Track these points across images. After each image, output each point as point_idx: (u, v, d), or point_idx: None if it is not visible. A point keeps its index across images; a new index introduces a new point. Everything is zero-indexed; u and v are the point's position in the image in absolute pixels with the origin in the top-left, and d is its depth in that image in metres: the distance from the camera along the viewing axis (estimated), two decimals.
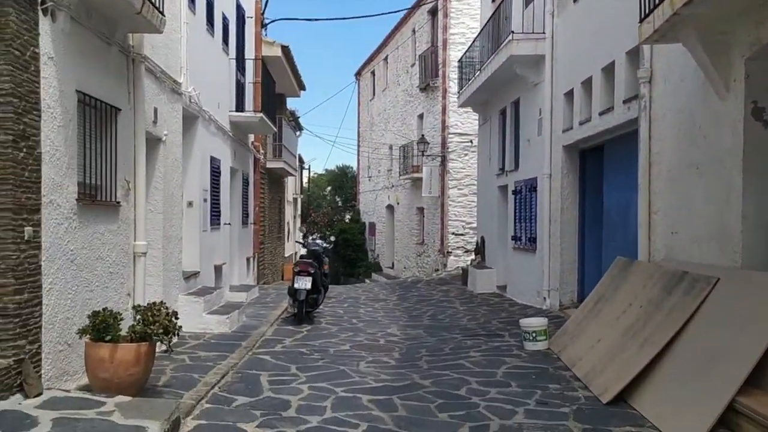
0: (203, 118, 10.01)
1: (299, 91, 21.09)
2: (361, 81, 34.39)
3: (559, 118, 10.88)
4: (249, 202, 14.18)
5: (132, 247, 6.83)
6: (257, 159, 15.12)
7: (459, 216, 20.53)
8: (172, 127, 8.33)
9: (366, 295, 15.13)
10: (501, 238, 14.37)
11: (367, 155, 31.40)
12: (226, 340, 8.14)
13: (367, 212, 32.25)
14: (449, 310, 11.93)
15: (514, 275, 13.15)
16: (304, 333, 9.15)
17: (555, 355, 7.44)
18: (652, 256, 7.54)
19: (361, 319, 10.73)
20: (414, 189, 23.58)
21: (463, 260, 20.47)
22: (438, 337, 8.96)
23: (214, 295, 9.29)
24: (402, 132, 25.59)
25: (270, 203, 17.70)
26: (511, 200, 13.45)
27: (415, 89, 24.16)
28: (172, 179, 8.32)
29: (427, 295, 14.54)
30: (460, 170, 20.63)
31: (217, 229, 11.02)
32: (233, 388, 5.86)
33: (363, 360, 7.40)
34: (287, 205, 21.96)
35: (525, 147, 12.60)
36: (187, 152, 9.62)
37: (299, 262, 10.09)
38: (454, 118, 20.70)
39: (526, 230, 12.34)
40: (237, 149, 12.76)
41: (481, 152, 16.87)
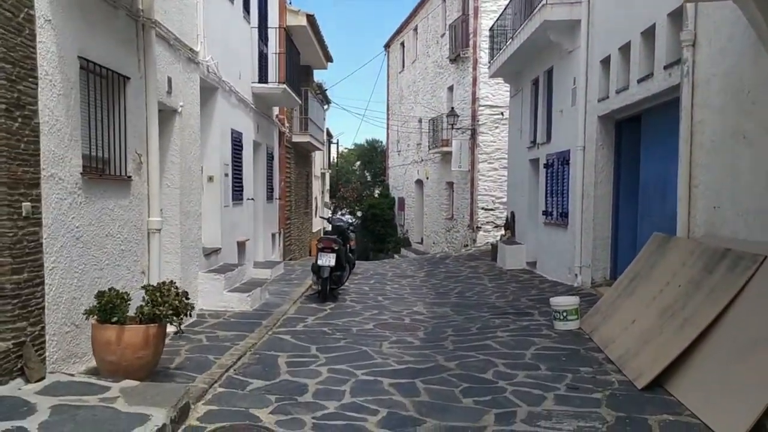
0: (223, 90, 9.73)
1: (326, 62, 20.70)
2: (391, 53, 33.80)
3: (594, 87, 10.34)
4: (274, 177, 13.94)
5: (146, 223, 6.61)
6: (282, 133, 14.84)
7: (489, 190, 20.05)
8: (188, 98, 8.06)
9: (393, 271, 14.86)
10: (531, 213, 13.93)
11: (397, 129, 30.94)
12: (247, 318, 7.94)
13: (396, 187, 31.88)
14: (477, 287, 11.58)
15: (544, 251, 12.73)
16: (327, 311, 8.91)
17: (586, 335, 7.07)
18: (691, 233, 7.07)
19: (387, 297, 10.46)
20: (443, 163, 23.13)
21: (493, 236, 20.05)
22: (465, 316, 8.64)
23: (235, 273, 9.09)
24: (431, 105, 25.07)
25: (296, 178, 17.47)
26: (542, 174, 12.97)
27: (444, 60, 23.56)
28: (189, 153, 8.07)
29: (455, 272, 14.21)
30: (491, 144, 20.10)
31: (240, 205, 10.80)
32: (249, 371, 5.63)
33: (386, 340, 7.12)
34: (315, 180, 21.74)
35: (558, 118, 12.08)
36: (206, 125, 9.37)
37: (323, 239, 9.83)
38: (484, 89, 20.12)
39: (558, 205, 11.88)
40: (260, 122, 12.49)
41: (512, 125, 16.35)
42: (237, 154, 10.57)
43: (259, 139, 12.47)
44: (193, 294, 8.00)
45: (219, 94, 9.53)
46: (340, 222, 10.79)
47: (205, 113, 9.35)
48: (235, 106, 10.54)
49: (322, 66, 20.78)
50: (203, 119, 9.30)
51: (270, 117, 13.53)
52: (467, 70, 21.12)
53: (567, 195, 11.32)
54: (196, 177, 8.34)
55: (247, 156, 11.33)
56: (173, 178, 7.68)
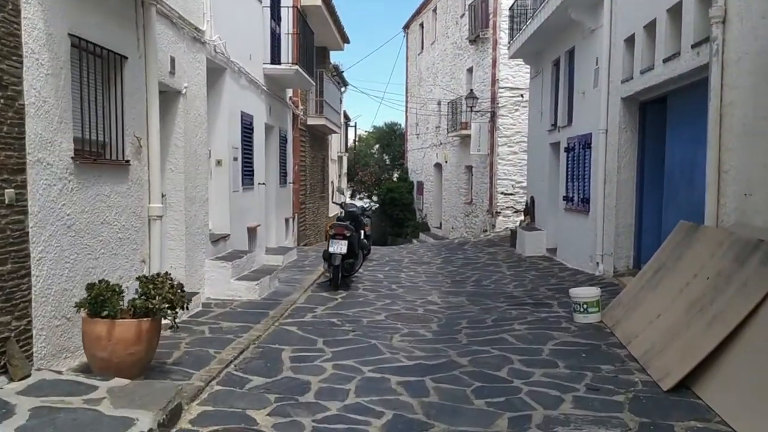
0: (231, 71, 9.43)
1: (342, 44, 20.32)
2: (410, 34, 33.26)
3: (617, 67, 9.87)
4: (287, 161, 13.65)
5: (146, 209, 6.35)
6: (296, 115, 14.52)
7: (508, 175, 19.62)
8: (193, 79, 7.77)
9: (409, 257, 14.55)
10: (552, 198, 13.51)
11: (416, 112, 30.49)
12: (254, 308, 7.69)
13: (415, 171, 31.48)
14: (495, 275, 11.24)
15: (565, 238, 12.33)
16: (338, 300, 8.64)
17: (608, 329, 6.71)
18: (721, 221, 6.65)
19: (401, 285, 10.16)
20: (462, 147, 22.70)
21: (512, 221, 19.66)
22: (481, 306, 8.31)
23: (244, 260, 8.84)
24: (450, 87, 24.58)
25: (312, 162, 17.18)
26: (563, 158, 12.53)
27: (464, 41, 23.04)
28: (194, 136, 7.80)
29: (473, 258, 13.87)
30: (511, 126, 19.64)
31: (251, 190, 10.53)
32: (250, 367, 5.36)
33: (397, 333, 6.82)
34: (331, 164, 21.43)
35: (579, 101, 11.62)
36: (214, 107, 9.09)
37: (334, 225, 9.53)
38: (504, 71, 19.62)
39: (579, 190, 11.46)
40: (273, 105, 12.18)
41: (532, 107, 15.88)
42: (247, 138, 10.28)
43: (272, 122, 12.17)
44: (199, 282, 7.78)
45: (227, 75, 9.23)
46: (353, 208, 10.49)
47: (212, 95, 9.07)
48: (245, 87, 10.23)
49: (338, 47, 20.40)
50: (211, 101, 9.02)
51: (283, 99, 13.22)
52: (487, 51, 20.61)
53: (588, 180, 10.90)
54: (202, 161, 8.07)
55: (259, 139, 11.04)
56: (177, 163, 7.42)
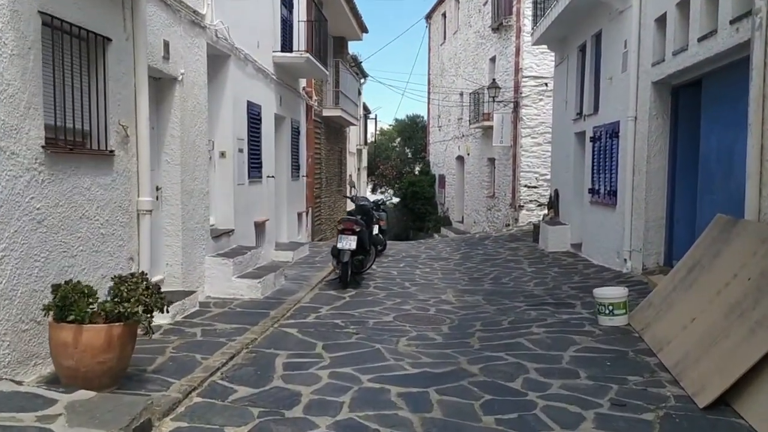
0: (236, 58, 8.98)
1: (361, 33, 19.79)
2: (432, 24, 32.63)
3: (648, 49, 9.21)
4: (300, 153, 13.20)
5: (134, 203, 5.93)
6: (310, 106, 14.06)
7: (532, 167, 18.97)
8: (192, 65, 7.33)
9: (427, 253, 14.03)
10: (577, 191, 12.86)
11: (438, 104, 29.89)
12: (254, 308, 7.24)
13: (437, 164, 30.89)
14: (515, 271, 10.67)
15: (590, 233, 11.70)
16: (346, 299, 8.16)
17: (636, 333, 6.13)
18: (763, 215, 6.02)
19: (415, 283, 9.65)
20: (485, 138, 22.07)
21: (536, 215, 19.02)
22: (498, 306, 7.77)
23: (248, 256, 8.39)
24: (473, 77, 23.92)
25: (327, 154, 16.72)
26: (588, 148, 11.89)
27: (487, 30, 22.39)
28: (193, 126, 7.36)
29: (493, 254, 13.30)
30: (534, 117, 18.97)
31: (258, 183, 10.09)
32: (238, 375, 4.90)
33: (405, 335, 6.32)
34: (349, 157, 20.96)
35: (606, 87, 10.96)
36: (217, 96, 8.66)
37: (343, 220, 9.05)
38: (528, 59, 18.94)
39: (606, 182, 10.82)
40: (284, 95, 11.73)
41: (556, 95, 15.21)
42: (254, 128, 9.84)
43: (283, 113, 11.71)
44: (198, 280, 7.36)
45: (231, 62, 8.78)
46: (364, 201, 9.99)
47: (215, 83, 8.64)
48: (252, 76, 9.78)
49: (356, 37, 19.87)
50: (214, 90, 8.60)
51: (295, 90, 12.75)
52: (510, 40, 19.94)
53: (616, 171, 10.27)
54: (201, 152, 7.63)
55: (267, 130, 10.59)
56: (173, 154, 6.99)
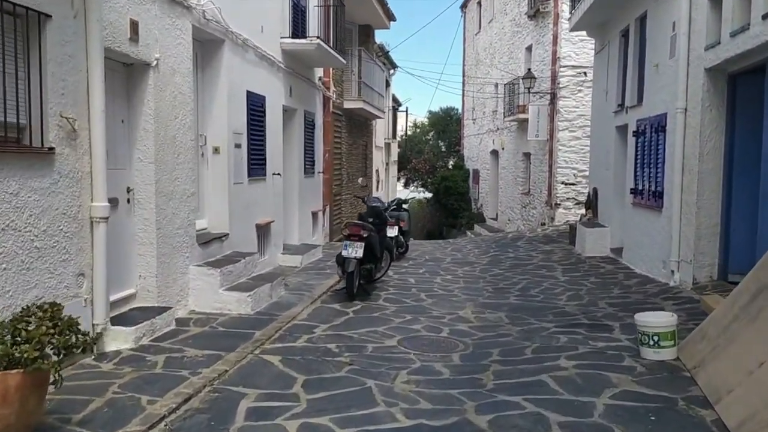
0: (233, 43, 8.07)
1: (387, 21, 18.76)
2: (467, 14, 31.41)
3: (700, 31, 8.00)
4: (316, 148, 12.28)
5: (86, 210, 5.06)
6: (327, 98, 13.12)
7: (570, 163, 17.71)
8: (171, 50, 6.43)
9: (453, 256, 12.99)
10: (617, 190, 11.65)
11: (472, 96, 28.69)
12: (239, 326, 6.34)
13: (471, 158, 29.70)
14: (546, 281, 9.56)
15: (632, 237, 10.50)
16: (348, 315, 7.20)
17: (687, 372, 5.01)
18: None
19: (433, 294, 8.64)
20: (520, 132, 20.85)
21: (574, 213, 17.77)
22: (522, 327, 6.72)
23: (241, 265, 7.50)
24: (509, 68, 22.68)
25: (350, 149, 15.77)
26: (631, 144, 10.67)
27: (523, 18, 21.14)
28: (173, 118, 6.48)
29: (524, 258, 12.18)
30: (573, 109, 17.69)
31: (261, 181, 9.19)
32: (186, 427, 3.97)
33: (406, 368, 5.32)
34: (375, 151, 19.98)
35: (652, 75, 9.74)
36: (210, 85, 7.77)
37: (350, 224, 8.07)
38: (566, 48, 17.65)
39: (650, 181, 9.61)
40: (295, 85, 10.81)
41: (596, 86, 13.96)
42: (257, 122, 8.94)
43: (294, 105, 10.80)
44: (179, 293, 6.49)
45: (226, 48, 7.88)
46: (376, 203, 9.01)
47: (208, 71, 7.77)
48: (253, 64, 8.87)
49: (383, 25, 18.86)
50: (206, 78, 7.73)
51: (309, 80, 11.82)
52: (547, 27, 18.67)
53: (662, 170, 9.07)
54: (185, 148, 6.75)
55: (274, 124, 9.69)
56: (146, 150, 6.11)
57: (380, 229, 8.82)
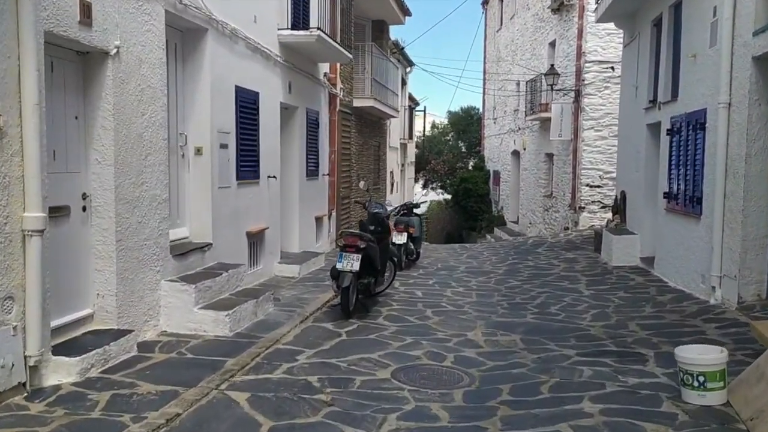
0: (218, 33, 7.28)
1: (402, 17, 17.92)
2: (489, 10, 30.45)
3: (747, 15, 7.03)
4: (320, 149, 11.46)
5: (17, 221, 4.27)
6: (333, 95, 12.29)
7: (595, 164, 16.68)
8: (138, 37, 5.64)
9: (468, 264, 12.09)
10: (648, 194, 10.66)
11: (493, 94, 27.72)
12: (211, 352, 5.52)
13: (491, 159, 28.70)
14: (569, 295, 8.62)
15: (665, 246, 9.50)
16: (341, 337, 6.35)
17: (742, 424, 4.07)
18: None
19: (440, 310, 7.76)
20: (542, 132, 19.86)
21: (599, 218, 16.76)
22: (539, 354, 5.81)
23: (222, 278, 6.68)
24: (531, 65, 21.67)
25: (360, 150, 14.94)
26: (664, 143, 9.68)
27: (546, 12, 20.14)
28: (139, 115, 5.68)
29: (545, 267, 11.24)
30: (599, 107, 16.66)
31: (253, 185, 8.39)
32: None
33: (396, 410, 4.43)
34: (390, 152, 19.11)
35: (689, 67, 8.75)
36: (191, 79, 7.00)
37: (345, 233, 7.21)
38: (592, 42, 16.62)
39: (687, 185, 8.62)
40: (295, 81, 9.99)
41: (624, 81, 12.96)
42: (248, 120, 8.14)
43: (294, 102, 9.98)
44: (147, 313, 5.71)
45: (210, 38, 7.08)
46: (378, 209, 8.12)
47: (189, 63, 7.02)
48: (244, 56, 8.07)
49: (397, 21, 18.01)
50: (187, 71, 6.99)
51: (313, 75, 11.00)
52: (572, 21, 17.67)
53: (701, 173, 8.08)
54: (156, 149, 5.95)
55: (270, 122, 8.88)
56: (105, 151, 5.33)
57: (382, 237, 7.96)
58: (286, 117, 9.96)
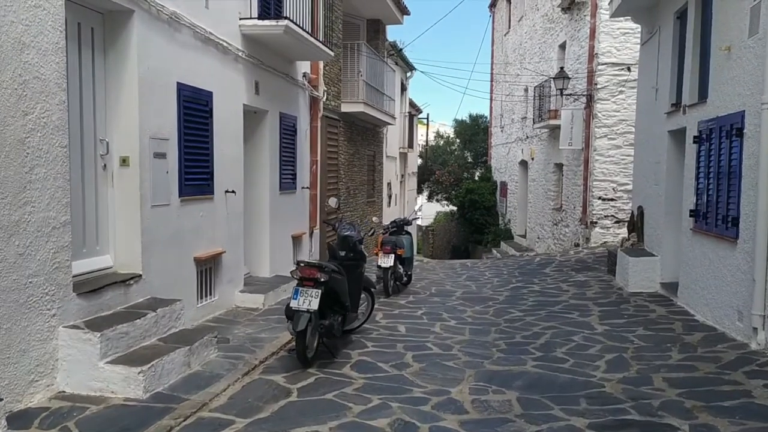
0: (151, 16, 6.01)
1: (400, 16, 16.67)
2: (496, 13, 29.18)
3: None
4: (298, 159, 10.17)
5: None
6: (315, 99, 11.01)
7: (608, 175, 15.31)
8: (16, 15, 4.38)
9: (466, 288, 10.75)
10: (670, 210, 9.30)
11: (501, 101, 26.40)
12: (108, 427, 4.21)
13: (498, 169, 27.34)
14: (579, 332, 7.26)
15: (691, 273, 8.12)
16: (290, 397, 5.02)
17: None
18: None
19: (424, 353, 6.42)
20: (551, 140, 18.53)
21: (613, 234, 15.40)
22: (539, 425, 4.46)
23: (147, 320, 5.37)
24: (540, 69, 20.35)
25: (350, 159, 13.64)
26: (691, 152, 8.32)
27: (556, 12, 18.87)
28: (20, 115, 4.41)
29: (552, 292, 9.89)
30: (613, 114, 15.31)
31: (204, 201, 7.10)
32: None
33: None
34: (387, 162, 17.79)
35: (721, 62, 7.41)
36: (114, 72, 5.72)
37: (301, 264, 5.84)
38: (606, 42, 15.29)
39: (720, 202, 7.25)
40: (265, 81, 8.73)
41: (642, 82, 11.61)
42: (197, 124, 6.87)
43: (262, 105, 8.71)
44: (39, 369, 4.45)
45: (137, 21, 5.80)
46: (349, 231, 6.77)
47: (111, 53, 5.72)
48: (192, 48, 6.80)
49: (395, 20, 16.76)
50: (109, 63, 5.70)
51: (289, 75, 9.72)
52: (584, 20, 16.35)
53: (737, 187, 6.71)
54: (48, 159, 4.67)
55: (227, 127, 7.61)
56: None
57: (355, 265, 6.63)
58: (252, 122, 8.69)
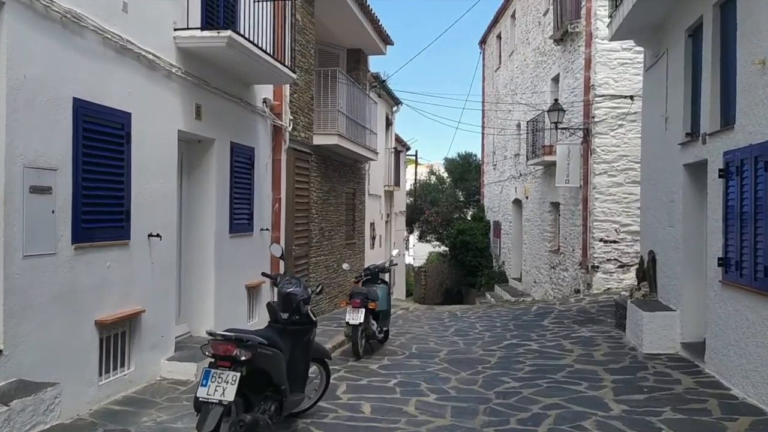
0: (32, 11, 4.64)
1: (383, 46, 15.47)
2: (486, 49, 28.26)
3: None
4: (256, 196, 8.74)
5: None
6: (279, 128, 9.63)
7: (610, 215, 13.94)
8: None
9: (453, 345, 9.26)
10: (690, 256, 7.90)
11: (492, 138, 25.24)
12: None
13: (491, 208, 26.01)
14: (590, 413, 5.73)
15: (723, 334, 6.65)
16: None
17: None
18: None
19: None
20: (547, 177, 17.23)
21: (617, 279, 13.96)
22: None
23: None
24: (532, 103, 19.18)
25: (325, 197, 12.22)
26: (715, 188, 6.94)
27: (548, 44, 17.81)
28: None
29: (552, 353, 8.41)
30: (612, 149, 14.02)
31: (115, 248, 5.62)
32: None
33: None
34: (369, 200, 16.39)
35: (753, 79, 6.08)
36: None
37: (213, 338, 4.32)
38: (602, 73, 14.09)
39: (759, 249, 5.83)
40: (209, 104, 7.34)
41: (647, 112, 10.33)
42: (104, 151, 5.45)
43: (206, 132, 7.31)
44: None
45: (7, 15, 4.43)
46: (294, 286, 5.28)
47: None
48: (99, 57, 5.41)
49: (377, 50, 15.55)
50: None
51: (244, 100, 8.36)
52: (578, 51, 15.21)
53: None
54: None
55: (152, 157, 6.18)
56: None
57: (301, 332, 5.15)
58: (194, 152, 7.31)
